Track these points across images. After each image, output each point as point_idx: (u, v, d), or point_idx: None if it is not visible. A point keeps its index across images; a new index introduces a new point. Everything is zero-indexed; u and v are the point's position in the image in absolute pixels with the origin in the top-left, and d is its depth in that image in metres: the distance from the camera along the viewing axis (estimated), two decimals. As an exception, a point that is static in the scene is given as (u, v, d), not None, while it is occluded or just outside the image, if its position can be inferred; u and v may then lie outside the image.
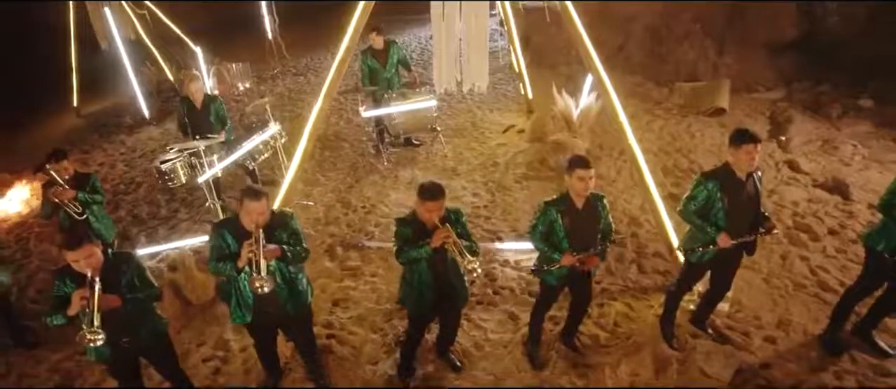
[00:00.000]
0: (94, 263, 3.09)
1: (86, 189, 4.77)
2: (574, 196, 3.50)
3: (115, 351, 3.31)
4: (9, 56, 13.67)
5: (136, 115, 10.36)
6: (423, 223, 3.37)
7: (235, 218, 3.39)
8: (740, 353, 3.99)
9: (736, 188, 3.56)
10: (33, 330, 4.92)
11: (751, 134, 3.48)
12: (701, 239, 3.71)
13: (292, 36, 13.05)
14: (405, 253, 3.37)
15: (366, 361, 4.24)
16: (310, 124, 5.49)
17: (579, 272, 3.66)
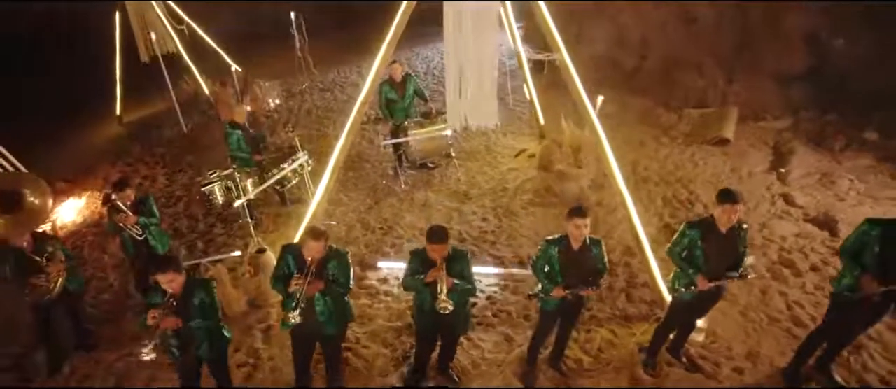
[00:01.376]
0: (175, 287, 3.76)
1: (145, 213, 5.50)
2: (571, 239, 4.03)
3: (185, 357, 3.98)
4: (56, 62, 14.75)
5: (174, 128, 11.18)
6: (430, 258, 3.96)
7: (293, 247, 4.04)
8: (708, 381, 4.47)
9: (716, 239, 4.03)
10: (93, 333, 5.67)
11: (732, 195, 3.94)
12: (683, 280, 4.21)
13: (320, 50, 13.74)
14: (406, 280, 4.02)
15: (377, 373, 4.84)
16: (335, 154, 6.12)
17: (572, 303, 4.19)
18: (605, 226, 6.77)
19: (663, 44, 10.16)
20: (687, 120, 9.35)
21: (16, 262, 4.81)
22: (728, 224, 3.98)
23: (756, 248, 6.18)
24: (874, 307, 3.95)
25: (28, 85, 13.23)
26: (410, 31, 7.87)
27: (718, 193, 4.05)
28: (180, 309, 3.78)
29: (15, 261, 4.81)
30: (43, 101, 12.79)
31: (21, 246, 4.84)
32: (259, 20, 16.19)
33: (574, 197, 7.30)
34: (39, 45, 15.27)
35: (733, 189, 4.10)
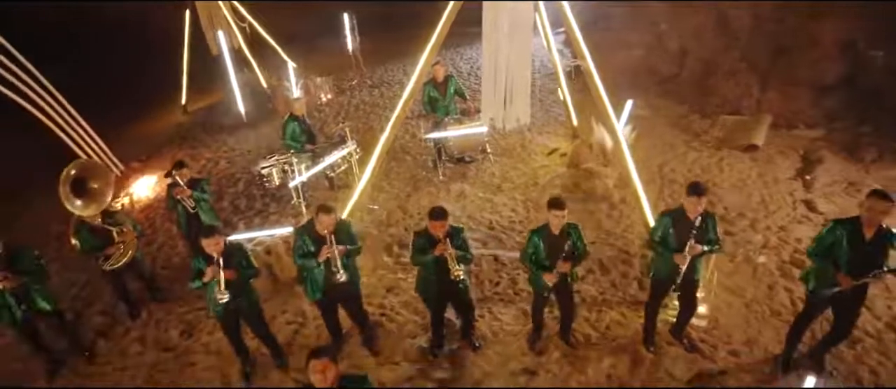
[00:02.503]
0: (218, 249, 4.53)
1: (198, 190, 6.36)
2: (552, 227, 4.60)
3: (226, 311, 4.75)
4: (129, 55, 16.17)
5: (235, 117, 12.21)
6: (433, 235, 4.59)
7: (310, 223, 4.75)
8: (704, 362, 4.92)
9: (685, 226, 4.50)
10: (163, 289, 6.59)
11: (697, 187, 4.43)
12: (658, 262, 4.70)
13: (370, 48, 14.57)
14: (416, 257, 4.68)
15: (407, 335, 5.51)
16: (380, 146, 6.84)
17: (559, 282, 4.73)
18: (627, 221, 7.21)
19: (700, 51, 10.43)
20: (720, 126, 9.60)
21: (89, 235, 5.72)
22: (694, 213, 4.44)
23: (771, 248, 6.51)
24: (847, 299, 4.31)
25: (106, 78, 14.63)
26: (456, 30, 8.59)
27: (689, 185, 4.52)
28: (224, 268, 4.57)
29: (88, 234, 5.72)
30: (120, 93, 14.14)
31: (93, 222, 5.75)
32: (315, 20, 17.18)
33: (600, 193, 7.77)
34: (113, 41, 16.74)
35: (701, 182, 4.57)
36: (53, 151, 9.30)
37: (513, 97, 6.90)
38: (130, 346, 5.88)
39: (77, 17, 16.65)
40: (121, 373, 5.53)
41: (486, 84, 7.02)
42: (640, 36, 11.26)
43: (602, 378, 4.90)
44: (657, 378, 4.82)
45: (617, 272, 6.24)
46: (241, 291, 4.73)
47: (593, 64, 6.93)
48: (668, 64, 11.00)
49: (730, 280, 6.00)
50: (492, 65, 6.83)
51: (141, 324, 6.18)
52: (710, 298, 5.50)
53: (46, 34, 9.83)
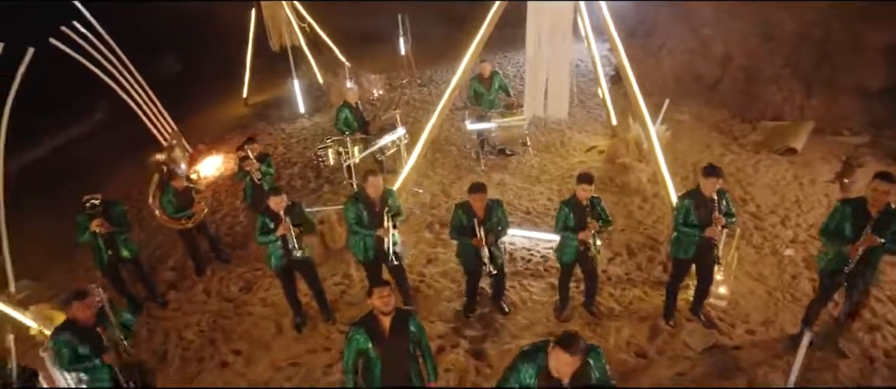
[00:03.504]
0: (282, 206, 5.19)
1: (265, 164, 7.09)
2: (580, 198, 5.04)
3: (284, 266, 5.40)
4: (197, 51, 17.47)
5: (293, 108, 13.08)
6: (472, 209, 5.08)
7: (361, 191, 5.34)
8: (721, 337, 5.21)
9: (705, 204, 4.83)
10: (226, 252, 7.34)
11: (714, 169, 4.80)
12: (686, 239, 5.03)
13: (421, 50, 15.25)
14: (452, 233, 5.29)
15: (443, 300, 6.02)
16: (427, 131, 7.42)
17: (584, 252, 5.13)
18: (658, 213, 7.49)
19: (743, 57, 10.54)
20: (760, 131, 9.70)
21: (174, 198, 6.54)
22: (710, 193, 4.77)
23: (799, 243, 6.68)
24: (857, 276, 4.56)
25: (175, 71, 15.93)
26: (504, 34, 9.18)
27: (705, 166, 4.86)
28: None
29: (174, 197, 6.53)
30: (187, 85, 15.38)
31: (179, 187, 6.55)
32: (371, 22, 18.07)
33: (634, 187, 8.09)
34: (183, 38, 18.12)
35: (716, 165, 4.91)
36: (137, 132, 10.41)
37: (551, 92, 7.36)
38: (197, 296, 6.63)
39: (148, 14, 18.09)
40: (189, 317, 6.27)
41: (529, 79, 7.50)
42: (684, 42, 11.44)
43: (622, 344, 5.27)
44: (674, 347, 5.15)
45: (643, 256, 6.57)
46: (300, 246, 5.37)
47: (630, 66, 7.34)
48: (712, 69, 11.12)
49: (754, 268, 6.23)
50: (534, 62, 7.32)
51: (206, 280, 6.94)
52: (729, 281, 5.75)
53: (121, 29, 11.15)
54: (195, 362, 5.58)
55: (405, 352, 3.79)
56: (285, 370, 5.34)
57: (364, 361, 3.77)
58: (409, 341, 3.78)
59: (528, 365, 3.20)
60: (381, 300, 3.67)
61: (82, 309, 4.11)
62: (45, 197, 9.64)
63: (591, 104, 11.69)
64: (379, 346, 3.69)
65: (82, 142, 13.76)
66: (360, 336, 3.68)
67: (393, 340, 3.72)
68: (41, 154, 13.14)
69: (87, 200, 5.62)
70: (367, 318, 3.74)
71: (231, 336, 5.89)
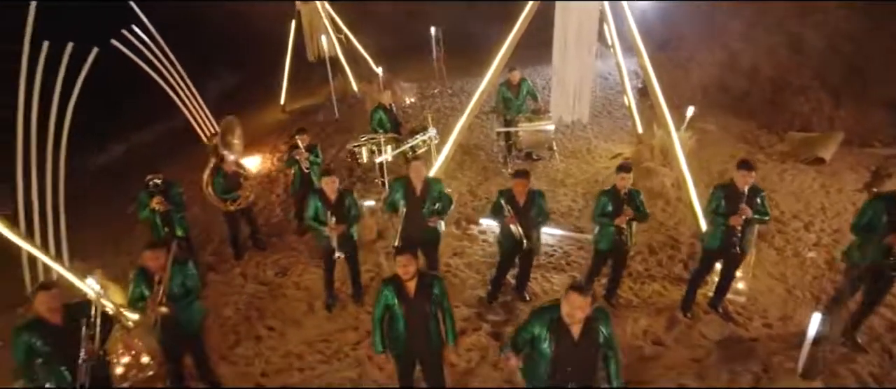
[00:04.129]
0: (335, 187, 5.61)
1: (313, 154, 7.49)
2: (619, 188, 5.26)
3: (330, 245, 5.75)
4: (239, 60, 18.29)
5: (328, 115, 13.61)
6: (514, 195, 5.35)
7: (405, 177, 5.67)
8: (737, 329, 5.32)
9: (736, 196, 5.00)
10: (263, 240, 7.75)
11: (747, 163, 4.96)
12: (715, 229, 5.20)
13: (453, 61, 15.68)
14: (491, 215, 5.52)
15: (468, 288, 6.28)
16: (456, 130, 7.76)
17: (619, 240, 5.34)
18: (679, 216, 7.63)
19: (772, 69, 10.60)
20: (788, 141, 9.74)
21: (223, 180, 6.98)
22: (744, 185, 4.95)
23: (822, 246, 6.74)
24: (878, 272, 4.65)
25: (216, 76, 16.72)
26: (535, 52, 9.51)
27: (739, 160, 5.03)
28: (337, 208, 5.60)
29: (223, 179, 6.98)
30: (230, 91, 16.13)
31: (229, 170, 7.01)
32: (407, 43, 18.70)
33: (657, 190, 8.24)
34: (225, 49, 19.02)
35: (750, 159, 5.07)
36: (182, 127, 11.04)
37: (577, 93, 7.63)
38: (234, 280, 7.03)
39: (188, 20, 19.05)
40: (227, 297, 6.66)
41: (555, 80, 7.79)
42: (713, 54, 11.54)
43: (639, 333, 5.43)
44: (690, 337, 5.28)
45: (664, 254, 6.72)
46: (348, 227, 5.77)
47: (658, 78, 7.57)
48: (739, 81, 11.20)
49: (775, 269, 6.32)
50: (561, 64, 7.62)
51: (243, 264, 7.34)
52: (748, 278, 5.86)
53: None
54: (232, 335, 5.94)
55: (427, 312, 4.10)
56: (316, 344, 5.66)
57: (389, 316, 4.08)
58: (431, 302, 4.09)
59: (541, 320, 3.49)
60: (401, 269, 3.99)
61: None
62: (104, 191, 10.31)
63: (618, 114, 11.86)
64: (404, 304, 4.02)
65: (147, 146, 14.57)
66: (389, 292, 4.03)
67: (417, 299, 4.04)
68: (107, 158, 13.92)
69: (149, 179, 6.12)
70: (396, 277, 4.06)
71: (265, 314, 6.25)
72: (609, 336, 3.52)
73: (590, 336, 3.45)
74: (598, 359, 3.60)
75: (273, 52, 15.43)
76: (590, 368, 3.59)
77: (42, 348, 3.96)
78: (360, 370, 5.26)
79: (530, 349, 3.64)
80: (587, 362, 3.57)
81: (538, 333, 3.50)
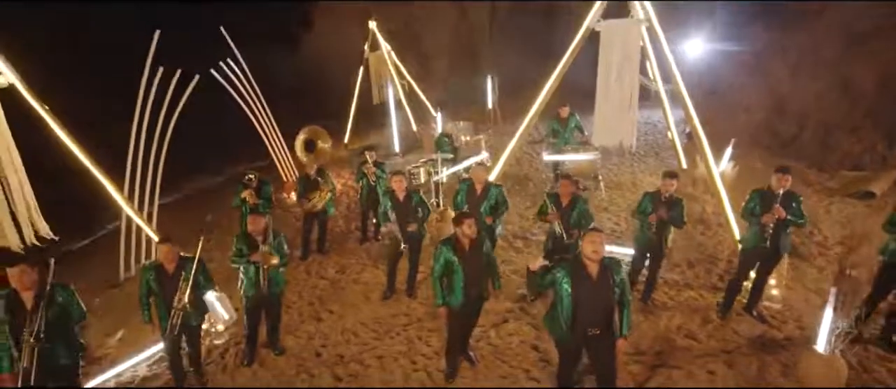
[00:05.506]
0: (403, 186, 6.39)
1: (380, 169, 8.33)
2: (662, 193, 5.79)
3: (395, 240, 6.45)
4: (309, 105, 19.89)
5: (389, 149, 14.65)
6: (559, 196, 5.95)
7: (468, 180, 6.39)
8: (770, 330, 5.53)
9: (770, 198, 5.37)
10: (327, 245, 8.53)
11: (783, 168, 5.39)
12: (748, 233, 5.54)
13: (509, 106, 16.58)
14: (537, 216, 6.19)
15: (513, 287, 6.75)
16: (507, 152, 8.44)
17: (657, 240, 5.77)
18: (718, 238, 7.87)
19: (821, 112, 10.77)
20: (838, 179, 9.80)
21: (305, 183, 7.88)
22: (779, 188, 5.33)
23: (865, 266, 6.80)
24: None
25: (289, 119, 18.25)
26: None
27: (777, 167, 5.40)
28: (404, 206, 6.34)
29: (305, 182, 7.89)
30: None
31: (307, 174, 7.93)
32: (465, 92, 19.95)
33: (697, 217, 8.52)
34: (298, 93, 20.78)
35: (786, 165, 5.42)
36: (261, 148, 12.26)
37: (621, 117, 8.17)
38: (300, 274, 7.78)
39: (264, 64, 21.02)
40: (291, 287, 7.37)
41: (598, 108, 8.38)
42: (760, 100, 11.84)
43: (673, 328, 5.72)
44: (723, 334, 5.52)
45: (701, 268, 6.99)
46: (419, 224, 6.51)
47: (705, 122, 8.06)
48: (789, 126, 11.38)
49: (813, 284, 6.46)
50: (604, 92, 8.23)
51: (307, 263, 8.11)
52: (782, 287, 6.06)
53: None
54: (296, 316, 6.62)
55: (480, 264, 4.83)
56: (370, 325, 6.25)
57: (449, 270, 4.75)
58: (482, 257, 4.82)
59: (562, 265, 4.13)
60: (468, 228, 4.68)
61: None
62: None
63: (665, 155, 12.23)
64: (462, 259, 4.69)
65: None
66: (447, 250, 4.71)
67: (472, 254, 4.74)
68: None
69: (245, 173, 7.09)
70: (452, 238, 4.76)
71: (326, 302, 6.93)
72: (622, 282, 4.00)
73: (606, 278, 3.94)
74: (614, 303, 4.04)
75: (340, 96, 16.86)
76: (607, 310, 4.04)
77: (156, 288, 4.88)
78: (410, 345, 5.79)
79: (553, 294, 4.17)
80: (604, 302, 4.04)
81: (559, 276, 4.02)
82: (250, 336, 5.70)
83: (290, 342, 6.08)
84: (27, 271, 4.16)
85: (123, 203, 7.33)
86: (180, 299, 4.89)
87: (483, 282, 4.94)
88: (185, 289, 4.87)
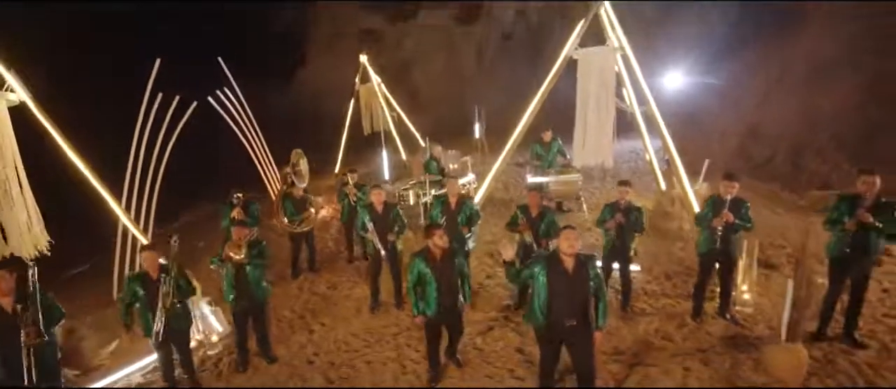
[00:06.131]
0: (382, 198, 6.77)
1: (361, 191, 8.64)
2: (619, 199, 6.11)
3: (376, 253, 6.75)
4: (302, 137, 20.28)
5: (379, 176, 15.00)
6: (529, 208, 6.28)
7: (445, 196, 6.73)
8: (742, 330, 5.82)
9: (720, 205, 5.75)
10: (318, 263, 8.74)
11: (731, 175, 5.78)
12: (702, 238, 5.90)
13: (495, 141, 17.05)
14: (508, 226, 6.53)
15: (497, 298, 7.02)
16: (491, 173, 8.81)
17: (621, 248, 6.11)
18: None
19: (790, 136, 11.34)
20: (807, 198, 10.26)
21: (292, 204, 8.16)
22: (727, 195, 5.73)
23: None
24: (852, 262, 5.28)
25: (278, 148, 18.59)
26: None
27: (723, 173, 5.83)
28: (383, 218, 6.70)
29: (292, 203, 8.17)
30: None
31: (297, 196, 8.21)
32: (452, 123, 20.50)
33: (675, 233, 8.89)
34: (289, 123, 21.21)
35: (734, 172, 5.84)
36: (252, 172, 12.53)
37: (598, 136, 8.61)
38: (292, 291, 7.99)
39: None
40: (285, 303, 7.58)
41: (577, 129, 8.82)
42: (734, 126, 12.43)
43: (651, 331, 5.99)
44: (697, 335, 5.80)
45: (679, 279, 7.31)
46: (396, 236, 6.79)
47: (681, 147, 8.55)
48: (762, 149, 11.94)
49: (783, 290, 6.76)
50: (583, 114, 8.68)
51: (299, 281, 8.32)
52: (753, 292, 6.38)
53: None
54: (288, 328, 6.81)
55: (453, 274, 5.00)
56: (361, 335, 6.45)
57: (423, 280, 4.96)
58: (455, 269, 4.99)
59: (538, 260, 4.38)
60: (439, 239, 4.89)
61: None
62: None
63: (646, 179, 12.65)
64: (434, 269, 4.90)
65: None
66: (420, 261, 4.92)
67: (444, 264, 4.95)
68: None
69: (233, 193, 7.34)
70: (424, 250, 5.00)
71: (318, 315, 7.14)
72: (597, 276, 4.28)
73: (581, 272, 4.22)
74: (590, 297, 4.31)
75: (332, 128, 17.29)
76: (583, 302, 4.31)
77: (142, 295, 5.14)
78: (399, 352, 6.00)
79: (530, 288, 4.46)
80: (580, 295, 4.30)
81: (537, 270, 4.29)
82: (240, 343, 5.89)
83: (282, 351, 6.26)
84: (5, 277, 4.36)
85: (131, 225, 7.48)
86: (163, 301, 5.10)
87: (456, 292, 5.07)
88: (167, 292, 5.10)
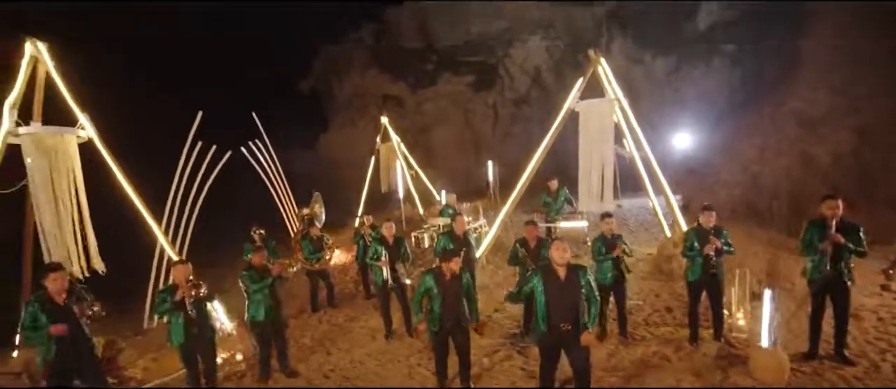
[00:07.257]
0: (392, 232, 7.30)
1: (375, 232, 9.25)
2: (605, 232, 6.63)
3: (386, 285, 7.29)
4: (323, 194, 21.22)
5: (397, 227, 15.63)
6: (527, 240, 6.81)
7: (451, 229, 7.31)
8: (733, 350, 6.13)
9: (704, 234, 6.23)
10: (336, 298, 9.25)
11: (710, 206, 6.25)
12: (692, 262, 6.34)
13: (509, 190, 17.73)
14: (509, 260, 7.05)
15: (505, 328, 7.41)
16: (501, 215, 9.39)
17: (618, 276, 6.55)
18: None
19: (788, 184, 11.80)
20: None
21: (309, 244, 8.80)
22: (708, 224, 6.21)
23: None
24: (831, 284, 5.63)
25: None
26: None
27: (703, 205, 6.34)
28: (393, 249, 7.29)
29: (309, 243, 8.81)
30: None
31: (314, 236, 8.87)
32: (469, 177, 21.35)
33: (678, 274, 9.23)
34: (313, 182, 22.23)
35: (711, 204, 6.39)
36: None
37: (601, 183, 9.20)
38: (311, 322, 8.50)
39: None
40: (304, 332, 8.06)
41: (581, 176, 9.44)
42: (736, 177, 12.93)
43: (649, 354, 6.31)
44: (692, 357, 6.12)
45: (679, 313, 7.62)
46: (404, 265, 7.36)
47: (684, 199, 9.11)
48: (763, 199, 12.36)
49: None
50: (586, 162, 9.33)
51: (319, 314, 8.82)
52: (747, 317, 6.71)
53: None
54: (307, 351, 7.28)
55: (459, 293, 5.48)
56: (375, 356, 6.88)
57: (429, 296, 5.44)
58: (462, 287, 5.49)
59: (535, 273, 4.82)
60: (455, 264, 5.44)
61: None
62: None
63: (654, 231, 13.10)
64: (441, 287, 5.40)
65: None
66: (430, 277, 5.43)
67: (451, 284, 5.44)
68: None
69: (254, 230, 8.02)
70: (436, 269, 5.52)
71: (336, 341, 7.60)
72: (588, 284, 4.74)
73: (572, 280, 4.69)
74: (582, 302, 4.77)
75: (350, 188, 18.21)
76: (575, 307, 4.76)
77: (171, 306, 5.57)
78: (411, 370, 6.41)
79: (531, 300, 4.90)
80: (572, 301, 4.76)
81: (535, 281, 4.78)
82: (262, 357, 6.38)
83: (300, 368, 6.72)
84: (60, 277, 4.89)
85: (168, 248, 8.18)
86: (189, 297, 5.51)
87: (460, 310, 5.48)
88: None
